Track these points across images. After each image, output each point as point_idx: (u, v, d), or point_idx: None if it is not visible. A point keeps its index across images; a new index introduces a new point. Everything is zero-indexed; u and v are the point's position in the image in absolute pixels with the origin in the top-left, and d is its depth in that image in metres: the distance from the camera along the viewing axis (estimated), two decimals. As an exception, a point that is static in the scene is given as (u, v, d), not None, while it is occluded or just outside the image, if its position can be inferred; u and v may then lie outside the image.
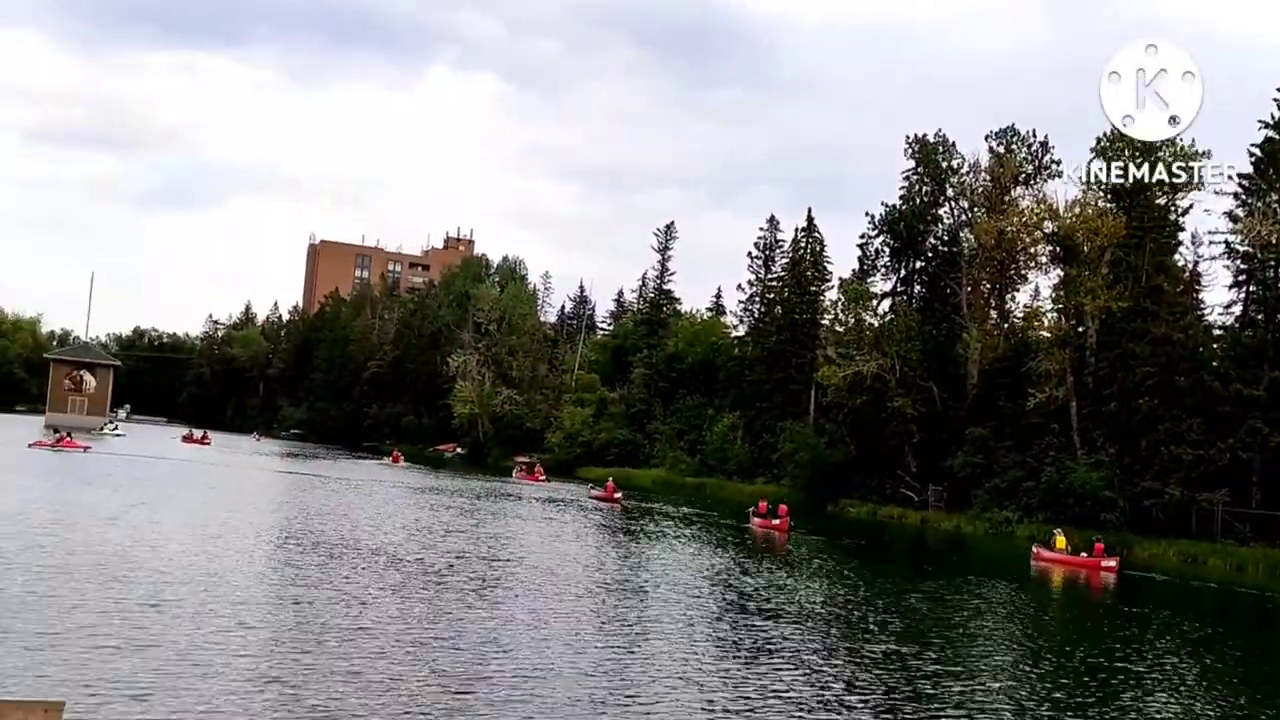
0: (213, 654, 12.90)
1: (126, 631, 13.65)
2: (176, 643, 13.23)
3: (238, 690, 11.25)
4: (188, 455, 69.53)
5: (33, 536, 22.27)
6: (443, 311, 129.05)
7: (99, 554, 20.51)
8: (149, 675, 11.55)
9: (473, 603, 18.69)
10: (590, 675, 13.74)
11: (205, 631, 14.12)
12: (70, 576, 17.54)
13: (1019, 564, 40.36)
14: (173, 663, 12.18)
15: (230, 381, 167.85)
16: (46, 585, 16.62)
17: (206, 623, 14.64)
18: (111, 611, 14.77)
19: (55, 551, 20.41)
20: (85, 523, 26.24)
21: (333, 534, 28.20)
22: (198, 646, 13.15)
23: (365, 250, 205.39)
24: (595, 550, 31.64)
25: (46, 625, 13.72)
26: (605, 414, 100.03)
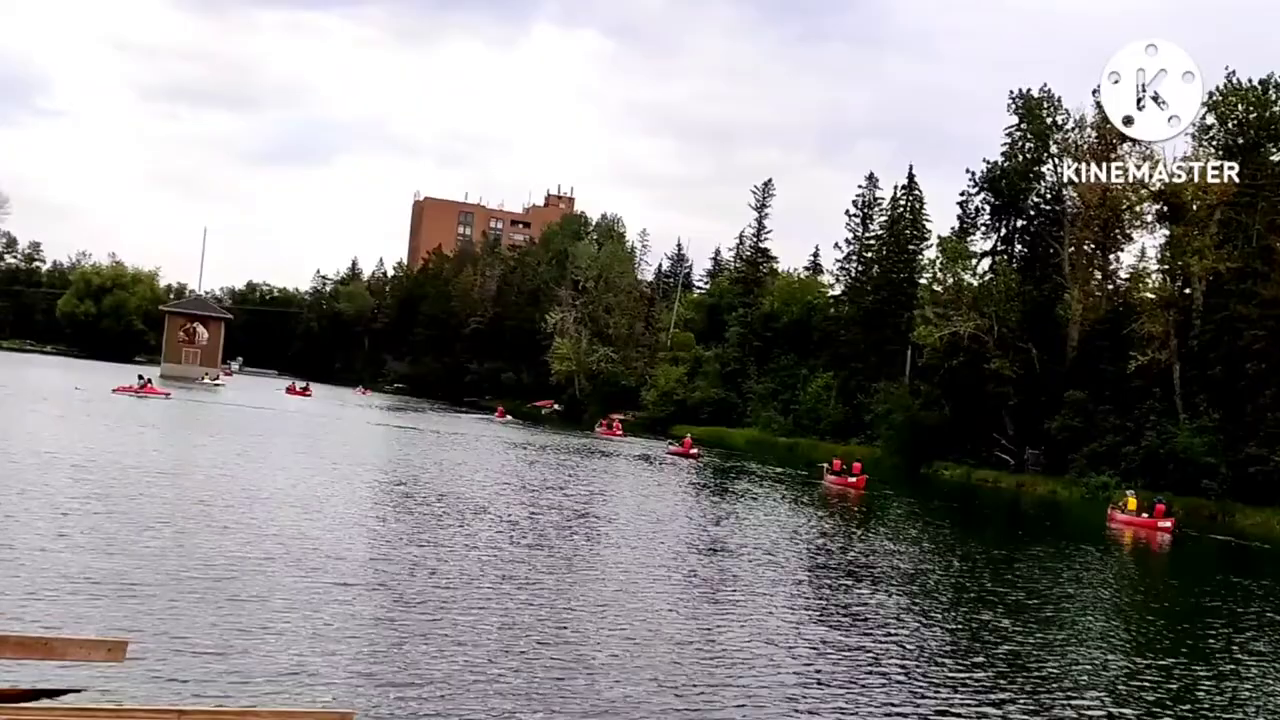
0: (299, 605, 13.02)
1: (210, 579, 13.85)
2: (263, 594, 13.33)
3: (318, 647, 11.28)
4: (291, 406, 71.20)
5: (127, 483, 22.80)
6: (542, 269, 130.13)
7: (188, 501, 21.01)
8: (227, 625, 11.63)
9: (552, 557, 18.99)
10: (670, 634, 13.85)
11: (293, 583, 14.29)
12: (161, 523, 17.90)
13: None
14: (257, 613, 12.28)
15: (337, 336, 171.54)
16: (130, 531, 16.94)
17: (295, 575, 14.82)
18: (197, 560, 15.05)
19: (146, 498, 20.80)
20: (181, 471, 26.84)
21: (431, 487, 28.72)
22: (284, 598, 13.24)
23: (468, 207, 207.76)
24: (671, 505, 31.92)
25: (126, 569, 13.93)
26: (700, 373, 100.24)
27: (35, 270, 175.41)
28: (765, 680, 11.88)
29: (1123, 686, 13.40)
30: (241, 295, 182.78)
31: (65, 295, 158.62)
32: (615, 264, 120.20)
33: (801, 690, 11.60)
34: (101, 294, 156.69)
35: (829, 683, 12.10)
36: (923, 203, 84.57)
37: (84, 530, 16.24)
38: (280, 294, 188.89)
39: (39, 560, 13.50)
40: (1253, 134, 54.14)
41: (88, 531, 16.14)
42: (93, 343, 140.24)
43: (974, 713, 11.49)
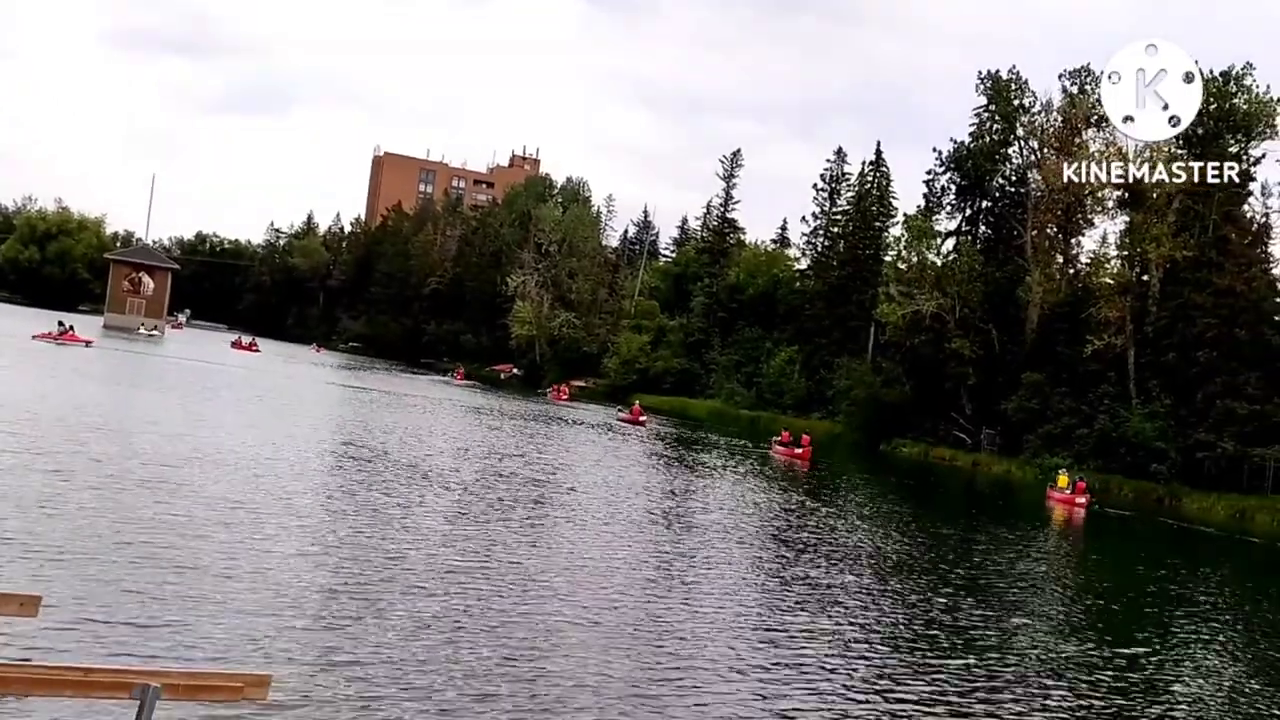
0: (229, 569, 13.21)
1: (135, 540, 14.03)
2: (192, 557, 13.54)
3: (244, 611, 11.51)
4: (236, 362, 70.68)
5: (45, 435, 22.57)
6: (504, 230, 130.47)
7: (113, 457, 21.02)
8: (150, 587, 11.83)
9: (496, 525, 19.43)
10: (616, 608, 14.28)
11: (224, 545, 14.51)
12: (86, 480, 18.03)
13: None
14: (185, 577, 12.46)
15: (290, 291, 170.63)
16: (52, 486, 17.04)
17: (227, 537, 15.04)
18: (123, 519, 15.21)
19: (64, 452, 20.75)
20: (108, 426, 26.49)
21: (381, 451, 29.02)
22: (214, 562, 13.45)
23: (429, 165, 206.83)
24: (619, 474, 32.49)
25: (48, 526, 14.08)
26: (663, 342, 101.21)
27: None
28: (711, 656, 12.44)
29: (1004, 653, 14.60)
30: (191, 246, 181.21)
31: (8, 241, 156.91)
32: (580, 228, 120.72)
33: (749, 667, 12.17)
34: (46, 240, 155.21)
35: (773, 657, 12.71)
36: (890, 180, 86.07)
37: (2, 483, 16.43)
38: (231, 246, 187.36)
39: None
40: (1212, 124, 55.85)
41: (6, 484, 16.35)
42: (36, 290, 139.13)
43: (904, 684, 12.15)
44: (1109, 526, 39.21)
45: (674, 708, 10.43)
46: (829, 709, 11.08)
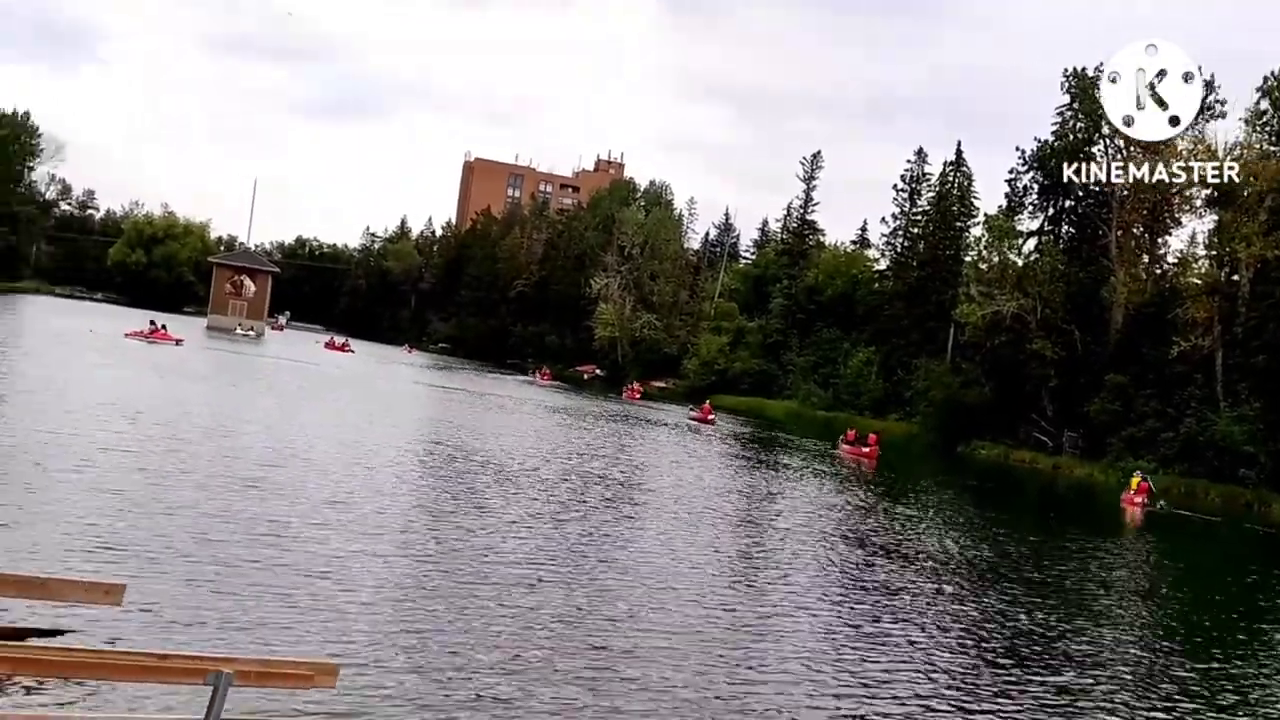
0: (313, 563, 13.11)
1: (222, 533, 14.03)
2: (277, 551, 13.52)
3: (323, 603, 11.46)
4: (331, 362, 71.75)
5: (134, 431, 22.86)
6: (589, 234, 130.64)
7: (208, 453, 21.23)
8: (234, 578, 11.78)
9: (572, 524, 19.21)
10: (691, 606, 13.95)
11: (310, 540, 14.42)
12: (179, 474, 18.15)
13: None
14: (269, 570, 12.42)
15: (384, 293, 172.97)
16: (148, 480, 17.22)
17: (313, 532, 14.97)
18: (212, 513, 15.26)
19: (158, 448, 20.89)
20: (204, 422, 26.85)
21: (467, 450, 28.91)
22: (299, 556, 13.38)
23: (518, 170, 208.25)
24: (692, 472, 32.21)
25: (136, 517, 14.14)
26: (742, 343, 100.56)
27: (89, 218, 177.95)
28: (785, 657, 12.03)
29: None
30: (290, 250, 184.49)
31: (117, 244, 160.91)
32: (662, 231, 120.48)
33: (825, 670, 11.73)
34: (153, 244, 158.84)
35: (849, 662, 12.22)
36: (971, 179, 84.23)
37: (91, 472, 16.58)
38: (329, 250, 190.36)
39: (49, 506, 13.86)
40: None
41: (96, 471, 16.54)
42: (142, 292, 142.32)
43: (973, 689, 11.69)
44: (1192, 530, 37.57)
45: (751, 712, 10.05)
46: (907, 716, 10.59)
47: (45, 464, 16.63)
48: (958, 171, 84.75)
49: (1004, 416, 65.00)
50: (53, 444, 18.62)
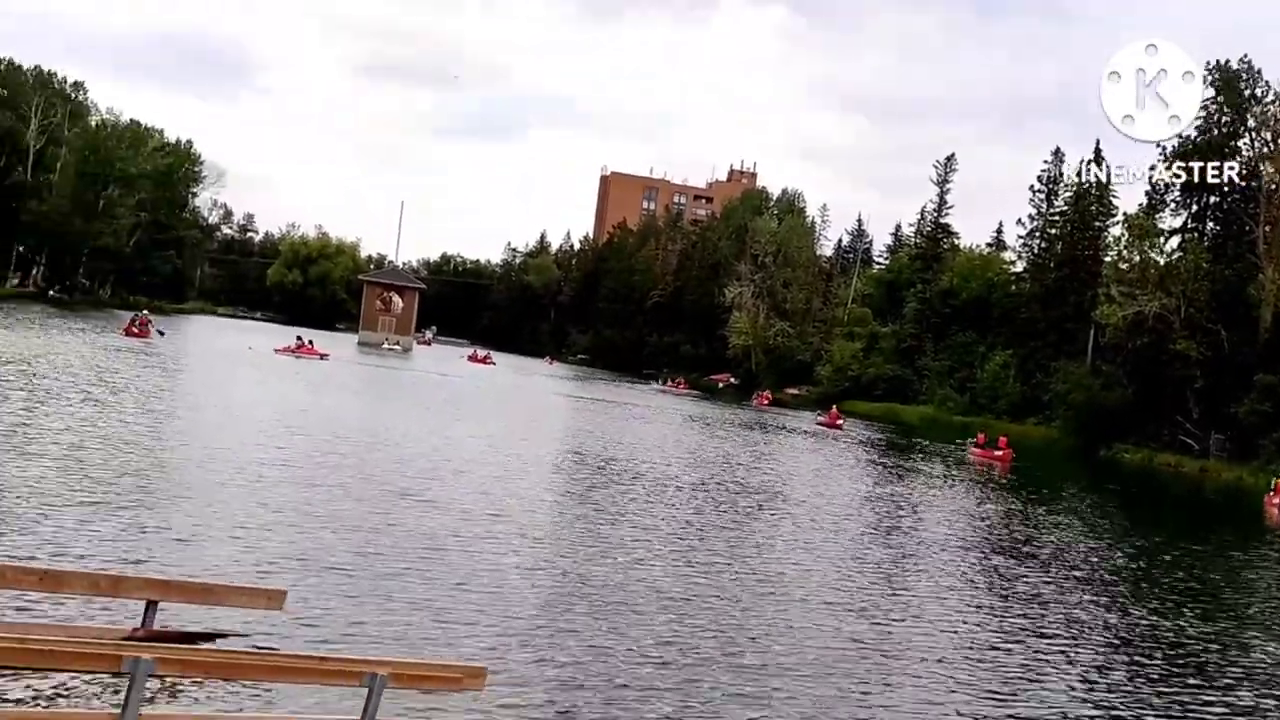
0: (461, 568, 13.42)
1: (377, 541, 14.46)
2: (428, 558, 13.82)
3: (471, 608, 11.68)
4: (474, 374, 73.07)
5: (286, 442, 23.76)
6: (722, 243, 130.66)
7: (361, 464, 21.90)
8: (387, 584, 12.13)
9: (714, 527, 19.34)
10: (826, 611, 13.85)
11: (456, 546, 14.73)
12: (332, 485, 18.77)
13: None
14: (421, 576, 12.72)
15: (525, 307, 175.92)
16: (296, 487, 17.85)
17: (460, 539, 15.25)
18: (367, 521, 15.72)
19: (310, 459, 21.65)
20: (353, 432, 27.64)
21: (607, 458, 29.20)
22: (448, 562, 13.66)
23: (653, 182, 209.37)
24: (817, 475, 32.29)
25: (294, 524, 14.72)
26: (876, 348, 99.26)
27: (249, 240, 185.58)
28: (926, 666, 11.83)
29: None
30: (436, 266, 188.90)
31: (275, 265, 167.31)
32: (795, 239, 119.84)
33: (972, 684, 11.41)
34: (308, 264, 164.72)
35: (990, 673, 11.87)
36: (1110, 178, 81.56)
37: (254, 481, 17.31)
38: (472, 265, 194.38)
39: (214, 516, 14.43)
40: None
41: (257, 482, 17.22)
42: (299, 310, 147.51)
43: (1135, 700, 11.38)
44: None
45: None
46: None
47: (210, 476, 17.38)
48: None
49: (1147, 419, 62.85)
50: (218, 457, 19.45)
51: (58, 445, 18.05)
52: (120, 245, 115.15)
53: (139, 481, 15.92)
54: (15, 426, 19.29)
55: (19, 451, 16.85)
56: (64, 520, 12.63)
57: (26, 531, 11.92)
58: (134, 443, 19.55)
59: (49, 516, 12.71)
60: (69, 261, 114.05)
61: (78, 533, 12.17)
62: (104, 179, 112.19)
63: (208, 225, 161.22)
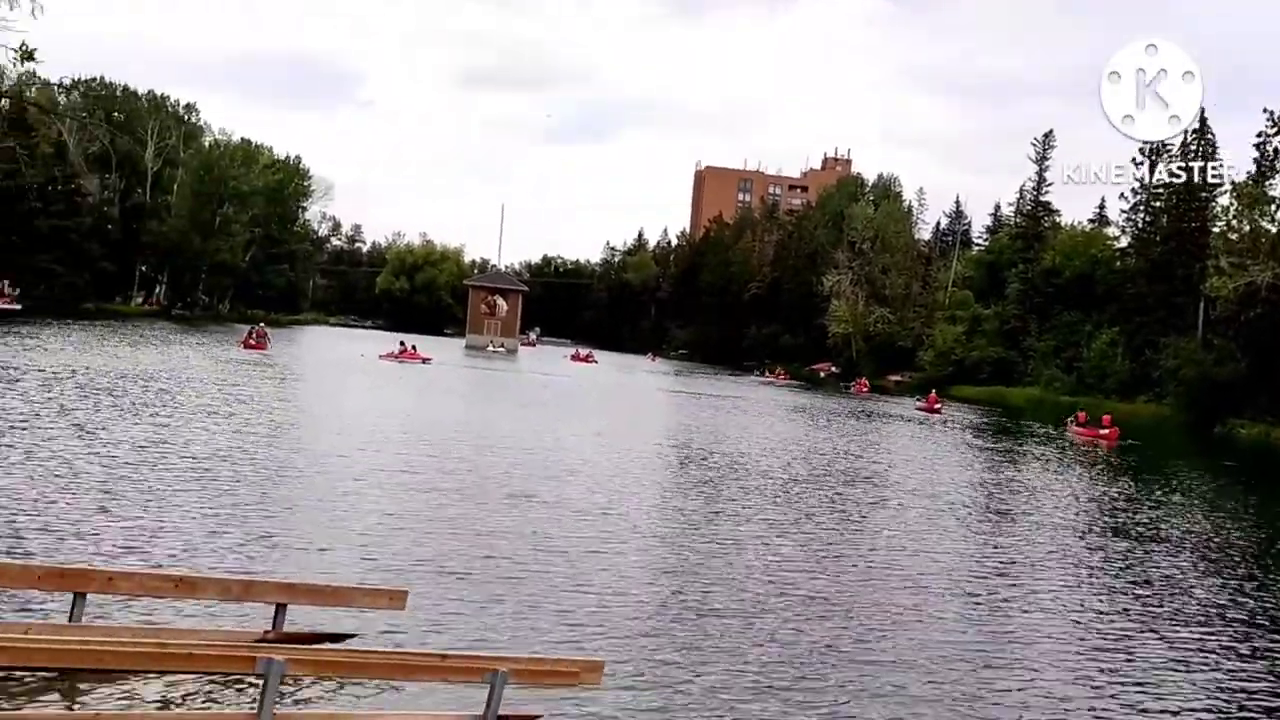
0: (573, 566, 13.45)
1: (493, 537, 14.68)
2: (542, 554, 13.94)
3: (585, 604, 11.73)
4: (572, 373, 73.58)
5: (398, 444, 24.16)
6: (819, 232, 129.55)
7: (470, 463, 22.19)
8: (504, 581, 12.28)
9: (821, 515, 19.22)
10: (938, 597, 13.70)
11: (566, 544, 14.77)
12: (444, 485, 19.07)
13: None
14: (535, 572, 12.87)
15: (624, 305, 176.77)
16: (412, 489, 18.10)
17: (570, 538, 15.32)
18: (480, 519, 15.96)
19: (425, 460, 21.99)
20: (461, 433, 28.04)
21: (713, 451, 29.12)
22: (562, 561, 13.70)
23: (747, 174, 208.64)
24: (918, 460, 31.84)
25: (412, 526, 14.94)
26: (978, 331, 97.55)
27: (357, 250, 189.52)
28: (1055, 649, 11.58)
29: None
30: (537, 268, 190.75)
31: (382, 273, 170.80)
32: (892, 224, 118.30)
33: (1101, 665, 11.16)
34: (414, 271, 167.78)
35: (1121, 665, 11.39)
36: (1215, 147, 78.90)
37: (371, 486, 17.66)
38: (572, 266, 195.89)
39: (336, 520, 14.78)
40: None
41: (374, 487, 17.58)
42: (407, 317, 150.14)
43: None
44: None
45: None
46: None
47: (330, 482, 17.78)
48: (1201, 140, 79.58)
49: (1265, 393, 60.61)
50: (336, 464, 19.91)
51: (187, 457, 18.68)
52: (236, 261, 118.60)
53: (263, 489, 16.42)
54: (148, 440, 20.02)
55: (152, 464, 17.50)
56: (195, 529, 13.12)
57: (161, 540, 12.39)
58: (256, 452, 20.15)
59: (181, 526, 13.21)
60: (188, 279, 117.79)
61: (209, 541, 12.61)
62: (219, 197, 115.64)
63: (318, 238, 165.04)
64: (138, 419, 23.32)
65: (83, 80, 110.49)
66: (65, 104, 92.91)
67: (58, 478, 15.41)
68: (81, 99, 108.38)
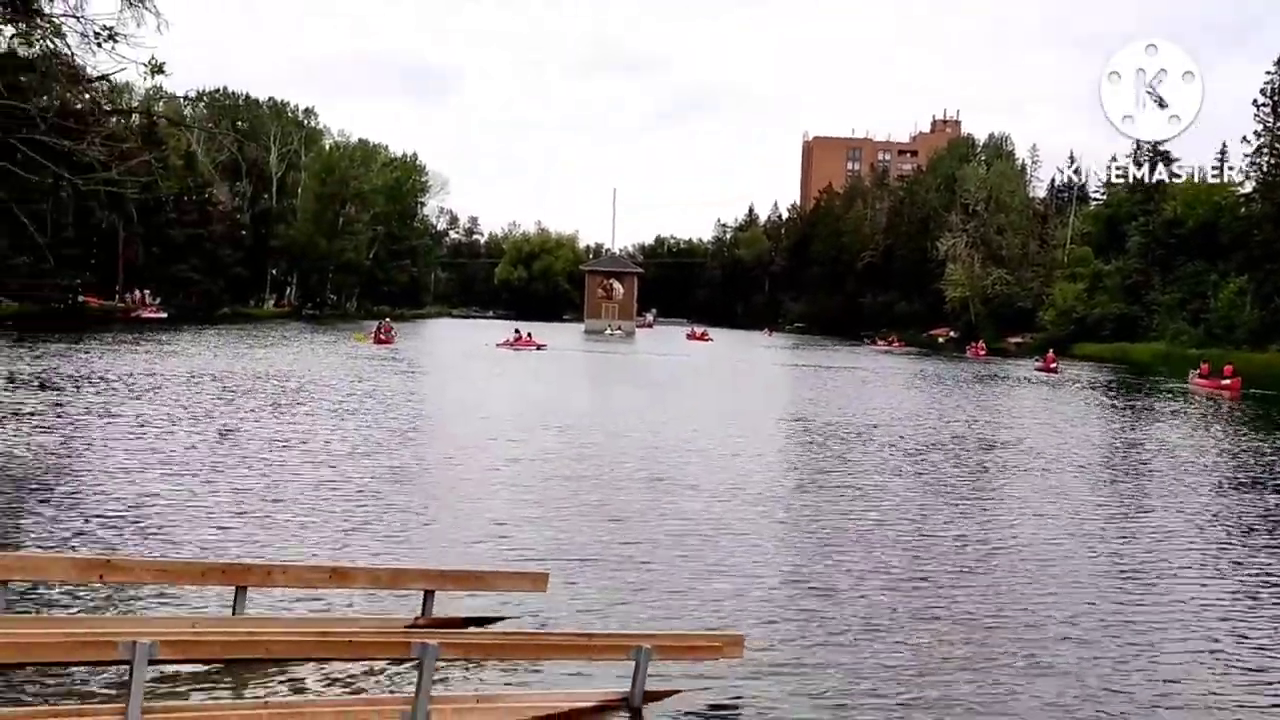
0: (708, 542, 13.46)
1: (627, 518, 14.75)
2: (679, 533, 13.98)
3: (723, 579, 11.71)
4: (688, 352, 73.41)
5: (532, 429, 24.27)
6: (931, 196, 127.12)
7: (603, 445, 22.38)
8: (643, 561, 12.34)
9: (951, 483, 18.97)
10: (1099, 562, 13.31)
11: (703, 521, 14.77)
12: (577, 467, 19.22)
13: None
14: (671, 550, 12.90)
15: (738, 281, 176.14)
16: (546, 474, 18.25)
17: (706, 515, 15.29)
18: (615, 501, 16.11)
19: (554, 444, 22.18)
20: (586, 416, 28.16)
21: (837, 422, 28.93)
22: (697, 537, 13.72)
23: (855, 142, 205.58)
24: (1041, 422, 31.01)
25: (549, 510, 15.05)
26: (1099, 287, 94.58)
27: (475, 242, 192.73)
28: (1208, 617, 10.98)
29: None
30: (651, 249, 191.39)
31: (500, 264, 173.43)
32: (1005, 183, 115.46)
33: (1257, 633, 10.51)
34: (531, 260, 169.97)
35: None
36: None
37: (505, 474, 17.83)
38: (685, 245, 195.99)
39: (477, 507, 15.03)
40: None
41: (508, 475, 17.75)
42: (526, 305, 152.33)
43: None
44: None
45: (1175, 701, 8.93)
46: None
47: (466, 471, 18.20)
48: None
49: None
50: (470, 452, 20.34)
51: (332, 451, 19.35)
52: (361, 259, 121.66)
53: (402, 481, 16.83)
54: (292, 438, 20.75)
55: (298, 461, 18.14)
56: (342, 522, 13.56)
57: (311, 534, 12.85)
58: (393, 446, 20.68)
59: (330, 519, 13.68)
60: (316, 279, 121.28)
61: (356, 533, 13.01)
62: (341, 198, 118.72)
63: (437, 232, 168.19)
64: (280, 418, 24.17)
65: (207, 91, 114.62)
66: (191, 115, 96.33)
67: (210, 478, 16.05)
68: (207, 110, 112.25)
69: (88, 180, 15.02)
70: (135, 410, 24.12)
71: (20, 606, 8.84)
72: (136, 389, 28.86)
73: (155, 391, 28.48)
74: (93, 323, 68.97)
